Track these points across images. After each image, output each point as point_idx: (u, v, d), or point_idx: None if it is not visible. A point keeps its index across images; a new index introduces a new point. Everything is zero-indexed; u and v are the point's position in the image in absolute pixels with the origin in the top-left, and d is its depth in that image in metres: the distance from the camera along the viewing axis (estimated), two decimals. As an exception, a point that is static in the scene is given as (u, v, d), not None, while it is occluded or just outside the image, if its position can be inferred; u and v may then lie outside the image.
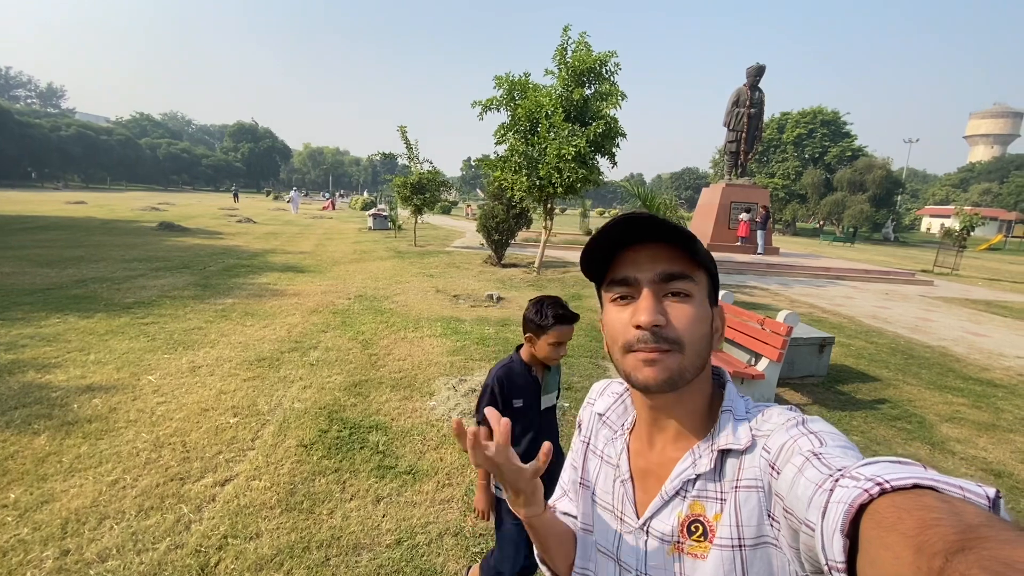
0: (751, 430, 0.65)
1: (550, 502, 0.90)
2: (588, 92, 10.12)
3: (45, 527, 2.37)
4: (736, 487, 0.63)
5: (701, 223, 18.64)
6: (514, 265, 12.14)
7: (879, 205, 39.35)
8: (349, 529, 2.50)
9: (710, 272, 0.69)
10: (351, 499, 2.74)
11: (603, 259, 0.70)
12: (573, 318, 1.80)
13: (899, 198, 44.65)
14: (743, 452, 0.64)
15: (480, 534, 2.55)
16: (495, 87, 10.36)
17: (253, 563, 2.24)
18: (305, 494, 2.75)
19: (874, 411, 4.50)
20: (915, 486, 0.40)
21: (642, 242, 0.67)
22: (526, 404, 1.85)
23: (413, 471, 3.05)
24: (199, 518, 2.51)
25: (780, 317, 4.38)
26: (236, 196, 39.82)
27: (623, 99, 9.80)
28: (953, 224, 19.94)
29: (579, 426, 0.89)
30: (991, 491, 0.39)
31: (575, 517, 0.84)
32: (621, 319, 0.67)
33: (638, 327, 0.64)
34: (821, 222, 44.66)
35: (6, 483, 2.68)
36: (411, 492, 2.85)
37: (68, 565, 2.16)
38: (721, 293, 5.25)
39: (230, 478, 2.87)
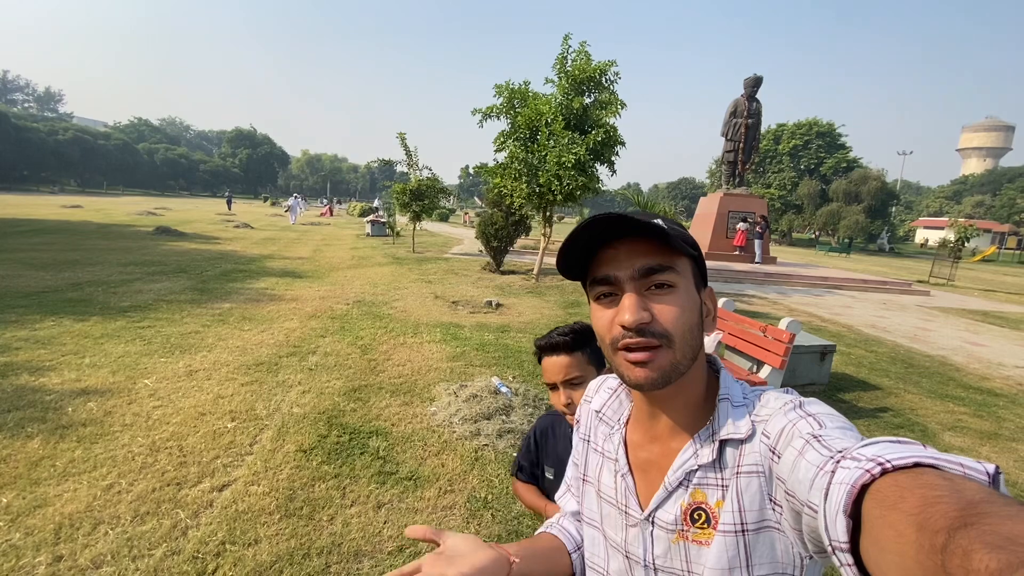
0: (750, 417, 0.65)
1: (556, 498, 0.96)
2: (588, 101, 10.19)
3: (38, 532, 2.31)
4: (737, 473, 0.64)
5: (699, 232, 18.69)
6: (513, 272, 12.12)
7: (874, 216, 39.62)
8: (350, 536, 2.45)
9: (693, 256, 0.68)
10: (351, 505, 2.70)
11: (583, 258, 0.69)
12: (560, 346, 1.32)
13: (893, 209, 44.98)
14: (743, 440, 0.64)
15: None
16: (495, 95, 10.41)
17: (252, 570, 2.19)
18: (305, 500, 2.70)
19: (876, 419, 4.48)
20: (916, 464, 0.40)
21: (619, 238, 0.66)
22: (557, 480, 1.24)
23: (414, 477, 3.01)
24: (196, 524, 2.46)
25: (782, 324, 4.37)
26: (230, 203, 37.05)
27: (622, 108, 9.87)
28: (948, 235, 20.08)
29: (577, 423, 0.90)
30: (991, 467, 0.39)
31: (577, 515, 0.87)
32: (606, 317, 0.67)
33: (623, 327, 0.64)
34: (817, 232, 44.94)
35: (-2, 487, 2.62)
36: (412, 498, 2.80)
37: (61, 571, 2.10)
38: (722, 301, 5.24)
39: (228, 483, 2.81)
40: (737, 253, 17.55)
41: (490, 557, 0.66)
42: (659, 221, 0.62)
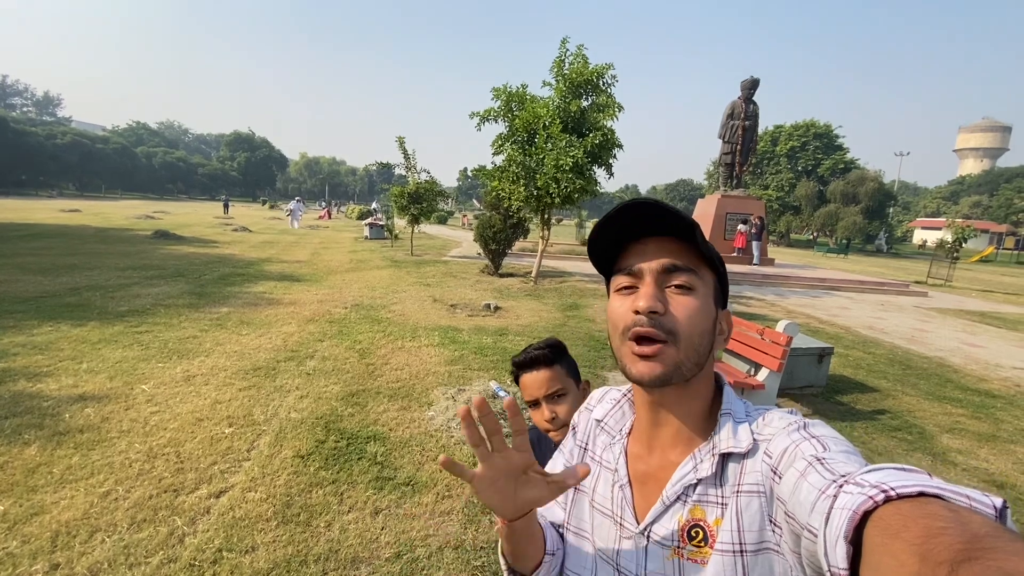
0: (752, 433, 0.65)
1: (544, 509, 0.88)
2: (585, 104, 10.21)
3: (35, 540, 2.30)
4: (737, 492, 0.63)
5: (697, 234, 18.71)
6: (511, 275, 12.12)
7: (872, 217, 39.71)
8: (347, 542, 2.45)
9: (718, 273, 0.70)
10: (349, 511, 2.69)
11: (612, 251, 0.72)
12: (539, 360, 1.31)
13: (891, 210, 45.07)
14: (744, 456, 0.64)
15: (481, 547, 2.50)
16: (493, 98, 10.42)
17: (249, 577, 2.19)
18: (302, 506, 2.70)
19: (874, 422, 4.49)
20: (920, 494, 0.40)
21: (650, 235, 0.68)
22: None
23: (412, 482, 3.01)
24: (193, 531, 2.45)
25: (780, 327, 4.37)
26: (227, 206, 34.89)
27: (620, 111, 9.89)
28: (946, 236, 20.14)
29: (573, 430, 0.89)
30: (998, 501, 0.39)
31: (559, 526, 0.83)
32: (623, 305, 0.68)
33: (636, 312, 0.65)
34: (815, 234, 45.02)
35: (-6, 495, 2.61)
36: (410, 504, 2.80)
37: (57, 580, 2.10)
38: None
39: (225, 489, 2.81)
40: (736, 255, 17.57)
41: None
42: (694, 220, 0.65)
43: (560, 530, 0.84)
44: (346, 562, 2.32)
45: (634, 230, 0.68)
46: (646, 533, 0.69)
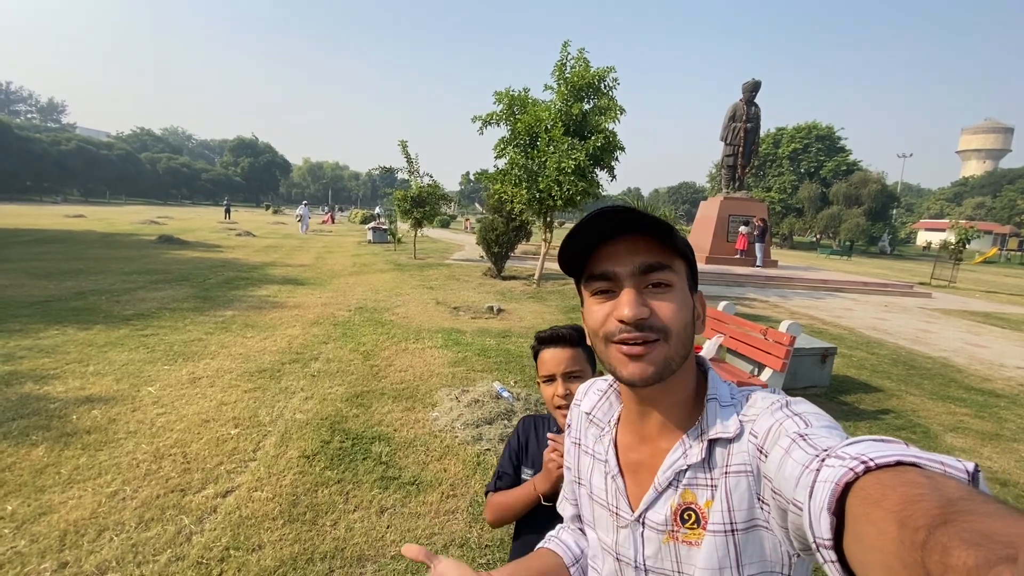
0: (738, 416, 0.66)
1: (560, 509, 0.92)
2: (587, 107, 10.25)
3: (43, 539, 2.33)
4: (726, 473, 0.64)
5: (700, 236, 18.74)
6: (514, 277, 12.14)
7: (875, 219, 39.63)
8: (353, 540, 2.46)
9: (687, 259, 0.70)
10: (354, 510, 2.71)
11: (581, 254, 0.69)
12: (564, 338, 1.36)
13: (894, 212, 44.97)
14: (731, 440, 0.65)
15: (486, 545, 2.51)
16: (495, 102, 10.47)
17: (256, 575, 2.20)
18: (308, 505, 2.72)
19: (878, 421, 4.48)
20: (898, 463, 0.41)
21: (620, 235, 0.66)
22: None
23: (417, 482, 3.02)
24: (200, 530, 2.47)
25: (783, 327, 4.38)
26: (228, 212, 33.51)
27: (622, 113, 9.93)
28: (949, 237, 20.09)
29: (568, 428, 0.90)
30: (970, 465, 0.40)
31: (576, 520, 0.87)
32: (602, 311, 0.67)
33: (621, 321, 0.64)
34: (818, 236, 44.91)
35: (3, 494, 2.63)
36: (415, 503, 2.81)
37: (67, 577, 2.12)
38: (723, 304, 5.25)
39: (232, 489, 2.83)
40: (738, 257, 17.56)
41: None
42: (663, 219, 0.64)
43: (578, 525, 0.88)
44: (352, 560, 2.34)
45: (604, 232, 0.67)
46: (641, 520, 0.70)
